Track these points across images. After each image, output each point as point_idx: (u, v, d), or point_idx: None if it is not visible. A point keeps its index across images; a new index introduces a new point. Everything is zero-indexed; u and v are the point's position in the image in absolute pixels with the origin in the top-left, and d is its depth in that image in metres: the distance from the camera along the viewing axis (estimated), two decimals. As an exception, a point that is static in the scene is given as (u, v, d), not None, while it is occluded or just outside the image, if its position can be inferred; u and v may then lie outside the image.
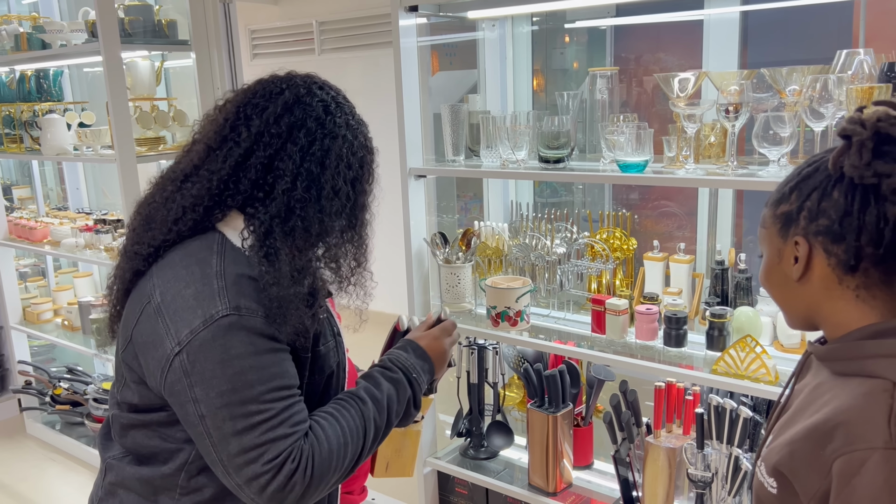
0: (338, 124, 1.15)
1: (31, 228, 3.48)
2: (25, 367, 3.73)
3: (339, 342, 1.25)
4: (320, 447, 1.08)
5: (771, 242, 0.99)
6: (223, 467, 1.06)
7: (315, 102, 1.15)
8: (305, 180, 1.11)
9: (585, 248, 2.24)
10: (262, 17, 5.36)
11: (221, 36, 3.11)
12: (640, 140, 1.88)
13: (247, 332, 1.05)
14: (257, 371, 1.05)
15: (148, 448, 1.17)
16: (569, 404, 2.19)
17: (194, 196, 1.13)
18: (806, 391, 0.99)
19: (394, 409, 1.19)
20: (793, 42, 2.29)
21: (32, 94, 3.49)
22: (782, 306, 1.02)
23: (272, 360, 1.07)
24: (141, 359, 1.12)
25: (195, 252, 1.12)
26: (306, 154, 1.12)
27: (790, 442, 0.91)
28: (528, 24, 2.67)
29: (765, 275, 1.02)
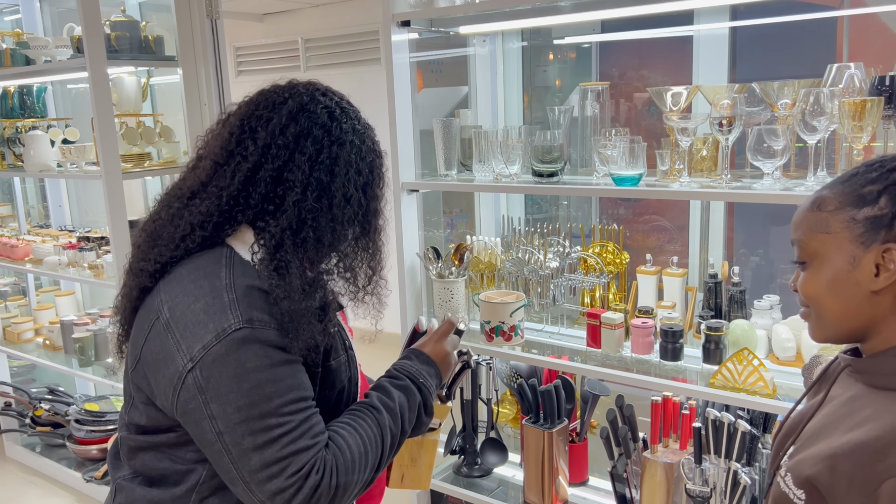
0: (344, 130, 1.13)
1: (13, 246, 3.42)
2: (5, 388, 3.65)
3: (351, 356, 1.23)
4: (343, 456, 1.06)
5: (840, 248, 0.92)
6: (244, 484, 1.02)
7: (319, 109, 1.13)
8: (316, 190, 1.09)
9: (578, 262, 2.24)
10: (248, 33, 5.36)
11: (208, 52, 3.09)
12: (634, 154, 1.88)
13: (261, 345, 1.03)
14: (274, 384, 1.03)
15: (158, 470, 1.13)
16: (564, 420, 2.17)
17: (203, 213, 1.10)
18: (837, 403, 0.95)
19: (406, 416, 1.18)
20: (779, 57, 2.31)
21: (15, 110, 3.45)
22: (834, 317, 0.96)
23: (288, 372, 1.05)
24: (151, 377, 1.09)
25: (203, 266, 1.09)
26: (315, 163, 1.10)
27: (831, 456, 0.87)
28: (518, 39, 2.68)
29: (820, 284, 0.95)
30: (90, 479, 3.20)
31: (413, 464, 1.36)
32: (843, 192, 0.94)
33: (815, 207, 0.97)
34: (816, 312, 0.99)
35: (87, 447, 3.30)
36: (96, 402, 3.44)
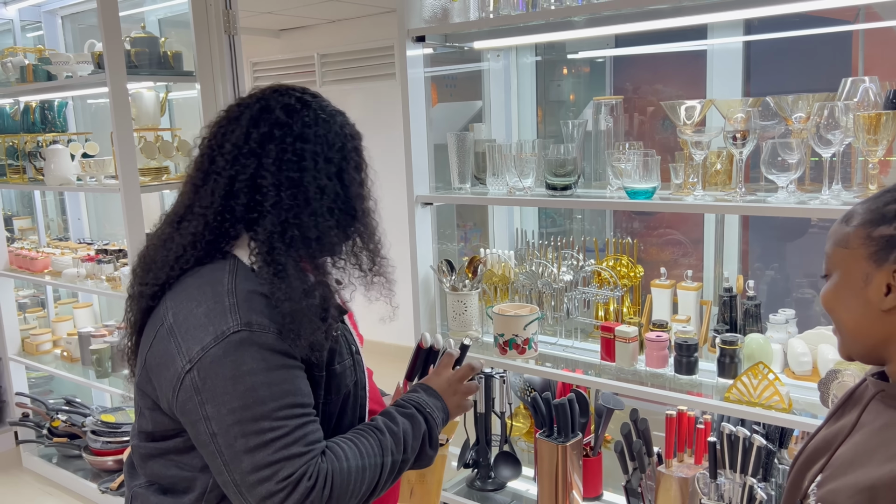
0: (306, 123, 1.14)
1: (32, 259, 3.47)
2: (23, 398, 3.68)
3: (358, 361, 1.23)
4: (339, 467, 1.06)
5: (855, 265, 0.92)
6: (235, 487, 1.03)
7: (277, 109, 1.14)
8: (289, 188, 1.10)
9: (592, 275, 2.24)
10: (264, 49, 5.42)
11: (226, 67, 3.13)
12: (648, 167, 1.89)
13: (258, 348, 1.04)
14: (269, 387, 1.03)
15: (167, 478, 1.15)
16: (578, 434, 2.17)
17: (193, 234, 1.13)
18: (869, 431, 0.93)
19: (409, 443, 1.17)
20: (794, 71, 2.31)
21: (37, 125, 3.50)
22: (849, 332, 0.96)
23: (284, 377, 1.06)
24: (154, 381, 1.11)
25: (207, 274, 1.12)
26: (282, 162, 1.11)
27: (870, 487, 0.85)
28: (532, 54, 2.70)
29: (836, 298, 0.95)
30: (106, 490, 3.22)
31: (422, 480, 1.36)
32: (868, 208, 0.93)
33: (843, 221, 0.97)
34: (837, 328, 0.99)
35: (103, 458, 3.32)
36: (112, 413, 3.46)
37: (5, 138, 3.51)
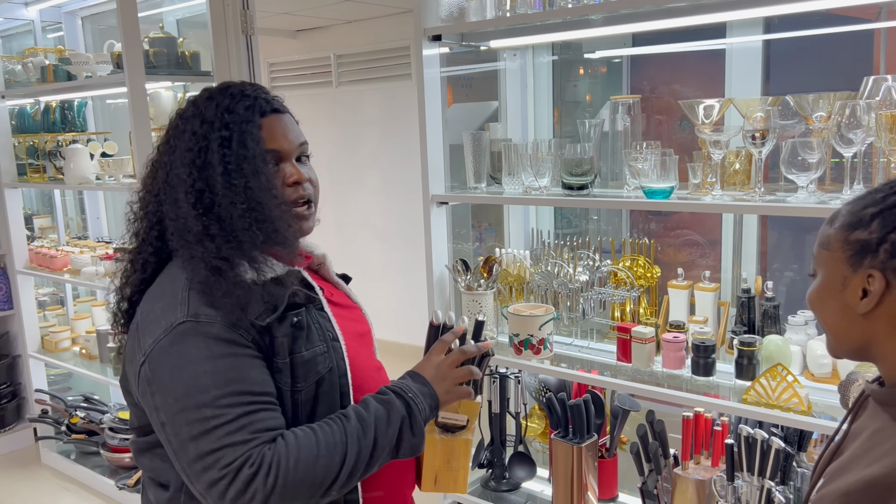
0: (184, 118, 1.19)
1: (52, 257, 3.51)
2: (42, 395, 3.72)
3: (335, 348, 1.20)
4: (288, 455, 1.04)
5: (834, 267, 0.93)
6: (185, 475, 1.06)
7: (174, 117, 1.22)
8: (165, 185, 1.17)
9: (608, 275, 2.23)
10: (281, 50, 5.45)
11: (243, 68, 3.15)
12: (665, 167, 1.87)
13: (203, 338, 1.06)
14: (212, 375, 1.05)
15: (155, 471, 1.20)
16: (593, 435, 2.16)
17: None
18: (863, 436, 0.93)
19: (381, 429, 1.12)
20: (814, 70, 2.29)
21: (57, 124, 3.54)
22: (832, 333, 0.97)
23: (230, 365, 1.06)
24: (129, 377, 1.16)
25: (169, 271, 1.17)
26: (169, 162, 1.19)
27: (846, 493, 0.85)
28: (549, 53, 2.69)
29: (819, 299, 0.96)
30: (123, 486, 3.24)
31: (447, 465, 1.31)
32: (850, 210, 0.93)
33: (828, 221, 0.97)
34: (821, 325, 1.00)
35: (120, 455, 3.34)
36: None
37: (26, 138, 3.55)
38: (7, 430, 3.95)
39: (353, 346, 1.25)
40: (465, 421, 1.30)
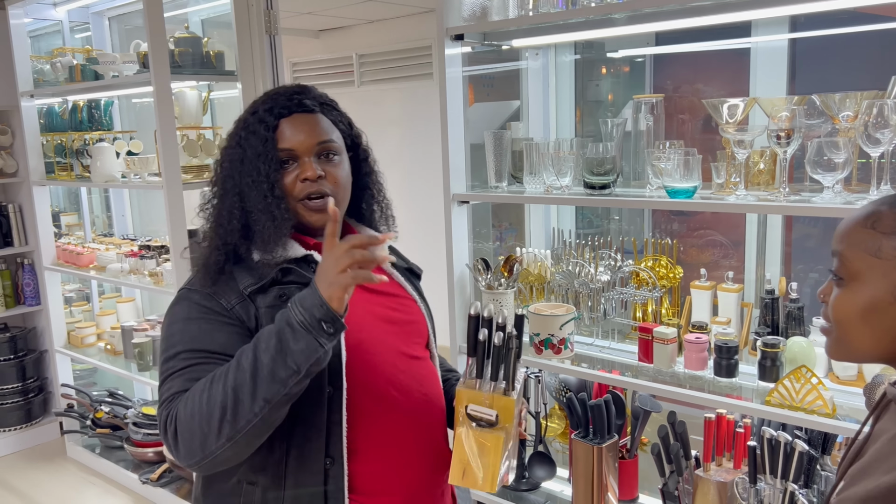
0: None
1: (79, 254, 3.56)
2: (68, 390, 3.78)
3: None
4: (187, 396, 1.16)
5: (885, 276, 0.85)
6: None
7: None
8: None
9: (630, 275, 2.22)
10: (304, 49, 5.48)
11: (266, 67, 3.18)
12: (689, 166, 1.86)
13: (188, 303, 1.25)
14: (181, 334, 1.22)
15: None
16: (614, 435, 2.14)
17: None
18: (883, 439, 0.90)
19: (262, 345, 1.13)
20: (841, 69, 2.26)
21: (84, 123, 3.60)
22: (861, 344, 0.90)
23: (199, 328, 1.22)
24: None
25: None
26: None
27: (864, 499, 0.82)
28: (571, 52, 2.68)
29: (863, 310, 0.88)
30: (146, 480, 3.29)
31: (475, 461, 1.26)
32: None
33: (868, 224, 0.88)
34: (839, 335, 0.92)
35: (144, 450, 3.39)
36: (153, 406, 3.54)
37: (54, 136, 3.61)
38: (34, 423, 4.02)
39: (369, 329, 1.30)
40: (495, 416, 1.26)
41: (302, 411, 1.21)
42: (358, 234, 1.36)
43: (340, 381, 1.23)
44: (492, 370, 1.27)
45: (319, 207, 1.28)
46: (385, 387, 1.30)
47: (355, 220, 1.44)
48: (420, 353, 1.39)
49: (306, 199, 1.28)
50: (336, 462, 1.24)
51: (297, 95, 1.31)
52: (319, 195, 1.28)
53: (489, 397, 1.26)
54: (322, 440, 1.23)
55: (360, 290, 1.30)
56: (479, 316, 1.28)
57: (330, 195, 1.28)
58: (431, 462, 1.34)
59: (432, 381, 1.39)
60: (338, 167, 1.31)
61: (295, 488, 1.23)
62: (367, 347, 1.28)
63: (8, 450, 3.90)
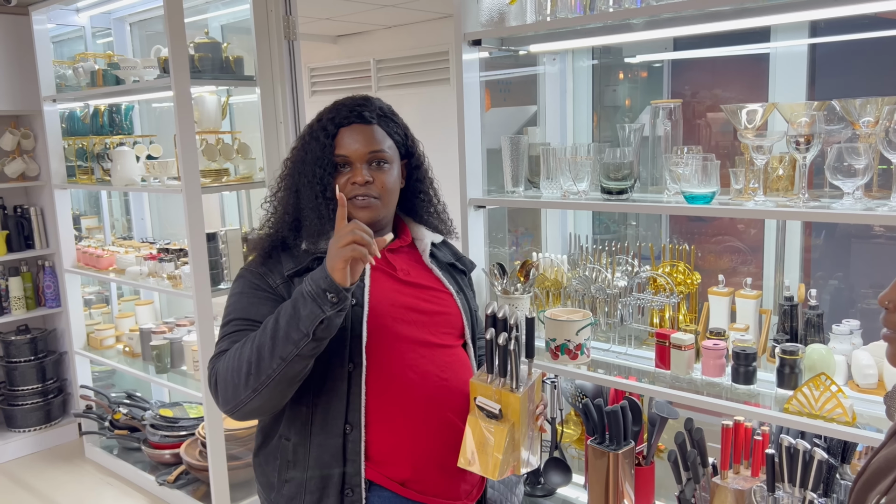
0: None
1: (98, 256, 3.60)
2: (87, 391, 3.82)
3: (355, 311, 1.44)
4: (227, 353, 1.39)
5: None
6: None
7: None
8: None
9: (647, 281, 2.21)
10: (322, 54, 5.52)
11: (285, 72, 3.20)
12: (707, 172, 1.85)
13: (243, 280, 1.49)
14: (235, 305, 1.47)
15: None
16: (630, 442, 2.14)
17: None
18: None
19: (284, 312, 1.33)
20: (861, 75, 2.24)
21: (105, 127, 3.64)
22: None
23: (248, 301, 1.45)
24: None
25: None
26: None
27: None
28: (588, 58, 2.68)
29: None
30: (163, 482, 3.31)
31: (482, 449, 1.38)
32: None
33: None
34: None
35: (161, 451, 3.42)
36: (171, 408, 3.56)
37: (75, 140, 3.66)
38: (53, 424, 4.07)
39: (393, 316, 1.48)
40: (499, 410, 1.37)
41: (328, 381, 1.42)
42: (423, 237, 1.64)
43: (360, 358, 1.42)
44: (500, 367, 1.40)
45: (364, 206, 1.48)
46: (403, 369, 1.45)
47: (412, 219, 1.66)
48: (448, 342, 1.54)
49: (354, 199, 1.47)
50: (355, 428, 1.42)
51: (359, 107, 1.49)
52: (365, 196, 1.47)
53: (496, 392, 1.39)
54: (342, 408, 1.42)
55: (393, 282, 1.51)
56: (493, 315, 1.41)
57: (377, 198, 1.48)
58: (446, 443, 1.47)
59: (456, 368, 1.52)
60: (386, 174, 1.50)
61: (319, 446, 1.42)
62: (389, 332, 1.46)
63: (27, 450, 3.95)
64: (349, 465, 1.42)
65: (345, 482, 1.42)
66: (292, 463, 1.45)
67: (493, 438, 1.38)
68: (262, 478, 1.53)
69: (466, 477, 1.54)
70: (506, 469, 1.39)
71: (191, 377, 3.27)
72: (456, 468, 1.45)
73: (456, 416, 1.49)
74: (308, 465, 1.43)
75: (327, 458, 1.42)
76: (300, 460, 1.44)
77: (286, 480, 1.46)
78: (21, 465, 3.81)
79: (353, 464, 1.42)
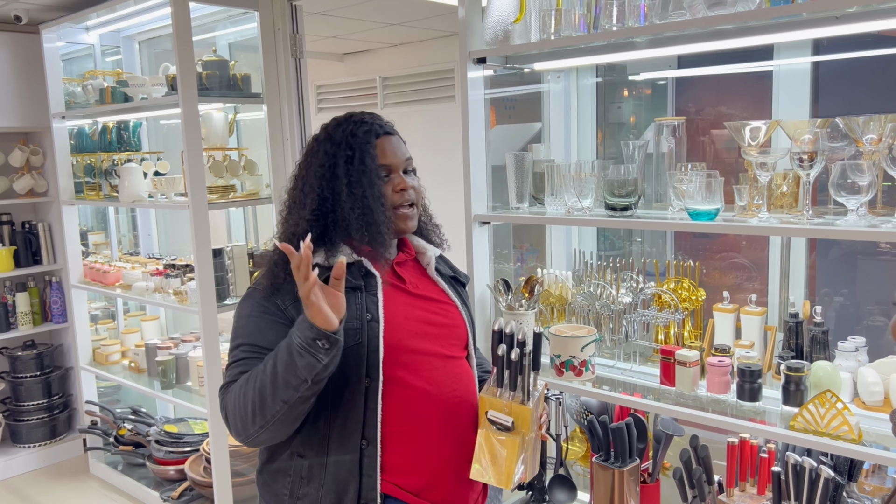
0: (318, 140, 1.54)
1: (105, 272, 3.62)
2: (92, 407, 3.82)
3: (371, 327, 1.44)
4: (234, 388, 1.39)
5: None
6: None
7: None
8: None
9: (652, 297, 2.21)
10: (328, 72, 5.56)
11: (292, 90, 3.23)
12: (711, 188, 1.86)
13: (251, 301, 1.46)
14: (243, 328, 1.45)
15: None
16: (636, 459, 2.13)
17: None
18: None
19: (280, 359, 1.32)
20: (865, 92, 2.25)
21: (113, 144, 3.67)
22: None
23: (255, 324, 1.43)
24: None
25: None
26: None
27: None
28: (592, 75, 2.70)
29: None
30: (167, 498, 3.31)
31: (494, 460, 1.42)
32: None
33: None
34: None
35: (166, 467, 3.41)
36: (176, 423, 3.56)
37: (84, 157, 3.69)
38: (58, 439, 4.07)
39: (408, 330, 1.48)
40: (511, 422, 1.41)
41: (344, 397, 1.42)
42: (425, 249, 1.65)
43: (377, 373, 1.43)
44: (510, 381, 1.45)
45: (412, 215, 1.54)
46: (418, 382, 1.47)
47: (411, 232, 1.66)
48: (457, 354, 1.57)
49: (400, 208, 1.51)
50: (371, 443, 1.43)
51: (380, 120, 1.55)
52: (410, 203, 1.53)
53: (507, 405, 1.43)
54: (359, 423, 1.42)
55: (404, 296, 1.53)
56: (501, 331, 1.46)
57: (414, 205, 1.54)
58: (458, 452, 1.49)
59: (466, 380, 1.55)
60: (416, 181, 1.57)
61: (336, 463, 1.42)
62: (404, 346, 1.47)
63: (32, 466, 3.95)
64: (365, 480, 1.42)
65: (360, 497, 1.42)
66: (306, 480, 1.45)
67: (505, 450, 1.42)
68: (270, 495, 1.51)
69: (474, 485, 1.56)
70: (516, 478, 1.43)
71: (196, 393, 3.27)
72: (467, 477, 1.47)
73: (467, 426, 1.51)
74: (324, 482, 1.43)
75: (343, 474, 1.43)
76: (315, 477, 1.44)
77: (299, 497, 1.46)
78: (26, 481, 3.81)
79: (369, 478, 1.42)
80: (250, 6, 3.15)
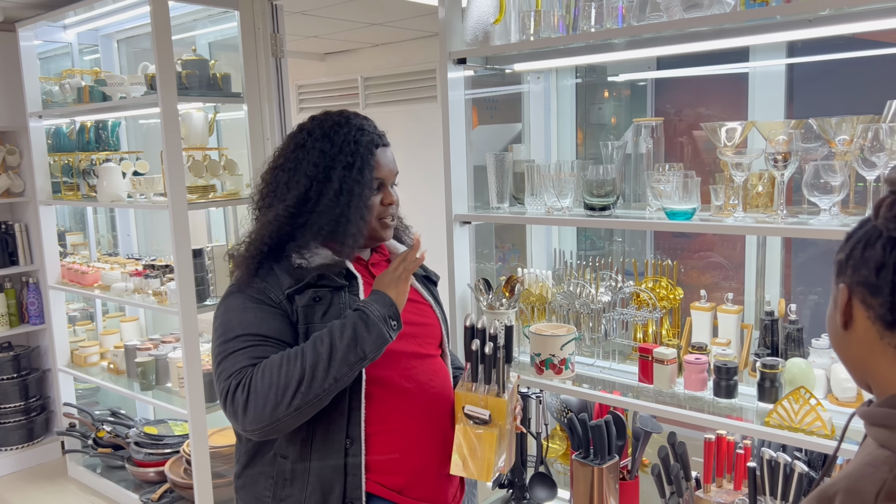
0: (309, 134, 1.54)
1: (83, 273, 3.58)
2: (70, 409, 3.79)
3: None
4: (257, 371, 1.36)
5: (832, 288, 0.96)
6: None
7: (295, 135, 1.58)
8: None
9: (631, 296, 2.23)
10: (309, 72, 5.55)
11: (272, 89, 3.23)
12: (688, 188, 1.89)
13: (242, 296, 1.46)
14: (239, 320, 1.43)
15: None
16: (615, 456, 2.15)
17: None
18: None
19: (336, 333, 1.37)
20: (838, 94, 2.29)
21: (91, 144, 3.64)
22: (838, 355, 0.99)
23: (255, 315, 1.43)
24: None
25: None
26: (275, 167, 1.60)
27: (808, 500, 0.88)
28: (572, 76, 2.72)
29: (827, 320, 0.98)
30: (147, 501, 3.28)
31: (473, 454, 1.46)
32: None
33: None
34: None
35: (145, 469, 3.39)
36: (155, 425, 3.54)
37: (61, 156, 3.65)
38: (35, 442, 4.02)
39: None
40: (488, 415, 1.45)
41: None
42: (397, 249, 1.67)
43: (360, 373, 1.44)
44: (485, 375, 1.49)
45: (393, 225, 1.59)
46: (399, 380, 1.49)
47: None
48: (432, 352, 1.60)
49: (384, 219, 1.55)
50: (355, 443, 1.44)
51: (377, 130, 1.57)
52: (393, 217, 1.58)
53: (483, 399, 1.47)
54: (343, 423, 1.44)
55: None
56: (473, 327, 1.50)
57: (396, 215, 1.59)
58: (438, 448, 1.52)
59: (442, 377, 1.58)
60: (397, 192, 1.60)
61: (320, 463, 1.43)
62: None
63: (9, 469, 3.90)
64: (350, 479, 1.43)
65: (345, 496, 1.43)
66: (289, 481, 1.45)
67: (483, 443, 1.45)
68: (250, 498, 1.51)
69: (452, 480, 1.58)
70: (496, 470, 1.46)
71: (176, 394, 3.25)
72: (447, 473, 1.50)
73: (446, 423, 1.54)
74: (308, 482, 1.44)
75: (328, 474, 1.43)
76: (298, 477, 1.44)
77: (282, 499, 1.46)
78: (3, 485, 3.76)
79: (354, 477, 1.44)
80: (230, 5, 3.14)
